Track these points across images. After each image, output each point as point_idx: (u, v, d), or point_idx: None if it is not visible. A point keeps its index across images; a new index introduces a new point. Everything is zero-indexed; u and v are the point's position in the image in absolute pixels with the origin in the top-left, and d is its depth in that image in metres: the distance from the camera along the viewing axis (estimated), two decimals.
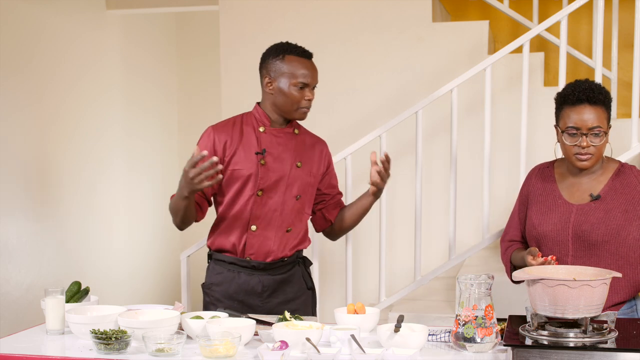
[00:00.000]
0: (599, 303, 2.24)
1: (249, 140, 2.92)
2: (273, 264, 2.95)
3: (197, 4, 5.70)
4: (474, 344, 2.32)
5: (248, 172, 2.89)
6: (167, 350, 2.33)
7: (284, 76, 2.88)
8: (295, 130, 3.00)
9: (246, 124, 2.95)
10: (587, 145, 2.61)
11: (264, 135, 2.93)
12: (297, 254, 3.04)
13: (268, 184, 2.90)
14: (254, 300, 2.94)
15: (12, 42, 4.73)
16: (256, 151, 2.90)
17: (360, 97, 4.96)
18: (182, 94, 6.95)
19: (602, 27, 4.14)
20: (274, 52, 2.92)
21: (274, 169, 2.91)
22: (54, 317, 2.62)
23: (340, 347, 2.33)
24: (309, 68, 2.90)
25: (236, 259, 2.93)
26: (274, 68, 2.89)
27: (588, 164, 2.65)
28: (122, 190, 6.01)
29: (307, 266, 3.10)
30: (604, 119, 2.63)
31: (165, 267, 6.61)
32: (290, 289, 3.00)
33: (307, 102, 2.90)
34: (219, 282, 2.96)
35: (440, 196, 4.78)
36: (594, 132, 2.61)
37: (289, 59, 2.88)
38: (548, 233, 2.70)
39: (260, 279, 2.94)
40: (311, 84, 2.91)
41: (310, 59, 2.93)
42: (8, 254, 4.67)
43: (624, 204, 2.65)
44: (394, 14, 4.90)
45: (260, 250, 2.92)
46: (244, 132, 2.93)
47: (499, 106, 4.67)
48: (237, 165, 2.90)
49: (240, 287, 2.93)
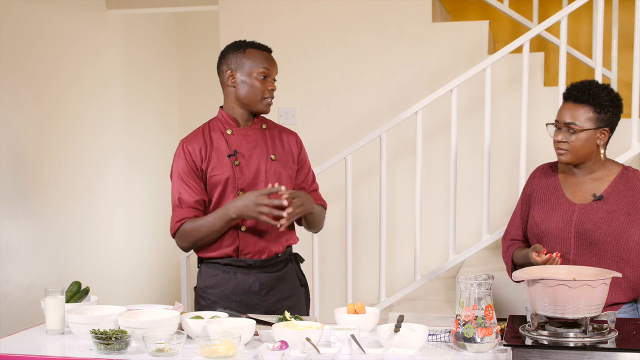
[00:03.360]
0: (599, 303, 2.24)
1: (219, 145, 2.95)
2: (269, 261, 2.96)
3: (197, 4, 5.70)
4: (474, 344, 2.32)
5: (225, 175, 2.92)
6: (167, 350, 2.33)
7: (246, 67, 2.93)
8: (262, 126, 3.02)
9: (213, 130, 2.99)
10: (559, 140, 2.68)
11: (232, 137, 2.96)
12: (289, 250, 3.05)
13: (247, 182, 2.92)
14: (252, 299, 2.94)
15: (12, 42, 4.73)
16: (228, 154, 2.93)
17: (360, 97, 4.96)
18: (182, 93, 6.95)
19: (602, 27, 4.14)
20: (233, 48, 2.98)
21: (249, 167, 2.93)
22: (54, 317, 2.62)
23: (340, 347, 2.33)
24: (269, 60, 2.97)
25: (231, 259, 2.94)
26: (235, 61, 2.95)
27: (564, 158, 2.70)
28: (122, 190, 6.01)
29: (299, 263, 3.12)
30: (585, 119, 2.66)
31: (165, 267, 6.60)
32: (286, 286, 3.01)
33: (269, 92, 2.95)
34: (214, 285, 2.95)
35: (440, 196, 4.78)
36: (569, 128, 2.66)
37: (250, 52, 2.95)
38: (550, 231, 2.70)
39: (257, 277, 2.94)
40: (271, 75, 2.96)
41: (270, 53, 3.00)
42: (8, 254, 4.67)
43: (627, 207, 2.66)
44: (394, 13, 4.90)
45: (255, 248, 2.93)
46: (213, 138, 2.97)
47: (499, 106, 4.67)
48: (214, 171, 2.92)
49: (237, 287, 2.93)
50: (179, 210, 2.92)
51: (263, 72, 2.92)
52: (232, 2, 5.12)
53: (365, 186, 4.90)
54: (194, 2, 5.70)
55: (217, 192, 2.92)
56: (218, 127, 2.99)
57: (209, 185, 2.93)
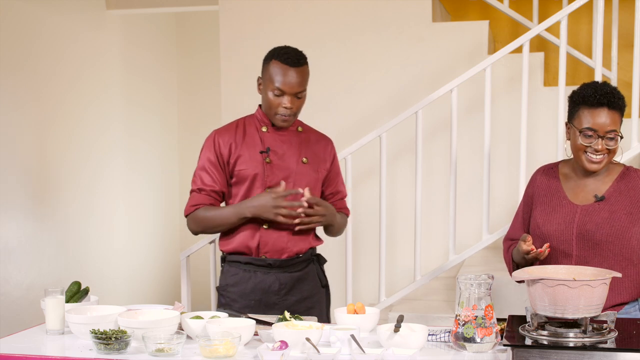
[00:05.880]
0: (598, 303, 2.24)
1: (252, 141, 2.96)
2: (289, 261, 2.96)
3: (197, 4, 5.70)
4: (474, 344, 2.32)
5: (254, 171, 2.92)
6: (167, 350, 2.33)
7: (266, 80, 2.92)
8: (298, 129, 3.02)
9: (249, 125, 2.99)
10: (602, 148, 2.64)
11: (267, 134, 2.97)
12: (311, 251, 3.05)
13: (275, 181, 2.92)
14: (271, 298, 2.95)
15: (12, 42, 4.73)
16: (260, 150, 2.93)
17: (360, 97, 4.96)
18: (182, 93, 6.96)
19: (602, 27, 4.14)
20: (268, 55, 2.96)
21: (280, 166, 2.94)
22: (54, 317, 2.62)
23: (340, 347, 2.33)
24: (288, 76, 2.87)
25: (252, 258, 2.94)
26: (263, 71, 2.94)
27: (597, 167, 2.67)
28: (122, 190, 6.01)
29: (321, 264, 3.11)
30: (619, 124, 2.67)
31: (165, 267, 6.60)
32: (306, 286, 3.01)
33: (284, 109, 2.89)
34: (234, 283, 2.97)
35: (440, 196, 4.78)
36: (610, 136, 2.64)
37: (274, 64, 2.90)
38: (552, 232, 2.70)
39: (277, 276, 2.95)
40: (288, 92, 2.88)
41: (296, 67, 2.89)
42: (8, 254, 4.67)
43: (629, 206, 2.66)
44: (394, 13, 4.90)
45: (275, 247, 2.94)
46: (247, 133, 2.97)
47: (499, 106, 4.67)
48: (243, 165, 2.93)
49: (256, 285, 2.94)
50: (197, 195, 2.96)
51: (277, 89, 2.88)
52: (232, 2, 5.12)
53: (365, 186, 4.90)
54: (194, 2, 5.70)
55: (244, 186, 2.93)
56: (254, 124, 2.99)
57: (236, 179, 2.95)
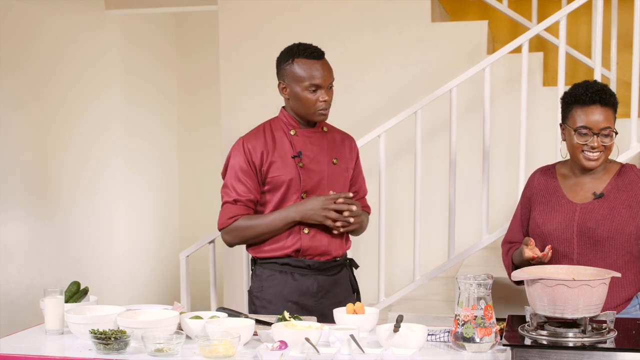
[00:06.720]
0: (598, 303, 2.24)
1: (282, 145, 2.90)
2: (327, 264, 2.93)
3: (196, 4, 5.70)
4: (473, 344, 2.32)
5: (288, 177, 2.87)
6: (166, 350, 2.33)
7: (296, 80, 2.85)
8: (324, 129, 2.99)
9: (276, 130, 2.93)
10: (598, 145, 2.65)
11: (297, 137, 2.92)
12: (345, 255, 3.04)
13: (311, 185, 2.89)
14: (308, 301, 2.90)
15: (12, 42, 4.73)
16: (292, 155, 2.89)
17: (360, 97, 4.96)
18: (181, 93, 6.96)
19: (601, 27, 4.14)
20: (284, 57, 2.90)
21: (313, 169, 2.90)
22: (53, 317, 2.62)
23: (340, 347, 2.33)
24: (319, 69, 2.85)
25: (290, 259, 2.90)
26: (286, 73, 2.87)
27: (595, 164, 2.67)
28: (122, 190, 6.01)
29: (353, 269, 3.09)
30: (612, 120, 2.68)
31: (164, 267, 6.61)
32: (340, 290, 2.98)
33: (322, 103, 2.85)
34: (270, 285, 2.91)
35: (439, 196, 4.78)
36: (604, 133, 2.65)
37: (299, 62, 2.85)
38: (552, 232, 2.71)
39: (315, 278, 2.91)
40: (323, 85, 2.85)
41: (322, 59, 2.88)
42: (8, 254, 4.67)
43: (628, 201, 2.67)
44: (394, 13, 4.90)
45: (317, 250, 2.91)
46: (276, 138, 2.91)
47: (498, 106, 4.67)
48: (277, 172, 2.87)
49: (294, 287, 2.89)
50: (232, 207, 2.88)
51: (312, 86, 2.83)
52: (231, 2, 5.12)
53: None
54: (194, 2, 5.71)
55: (280, 192, 2.89)
56: (280, 127, 2.93)
57: (270, 186, 2.89)
